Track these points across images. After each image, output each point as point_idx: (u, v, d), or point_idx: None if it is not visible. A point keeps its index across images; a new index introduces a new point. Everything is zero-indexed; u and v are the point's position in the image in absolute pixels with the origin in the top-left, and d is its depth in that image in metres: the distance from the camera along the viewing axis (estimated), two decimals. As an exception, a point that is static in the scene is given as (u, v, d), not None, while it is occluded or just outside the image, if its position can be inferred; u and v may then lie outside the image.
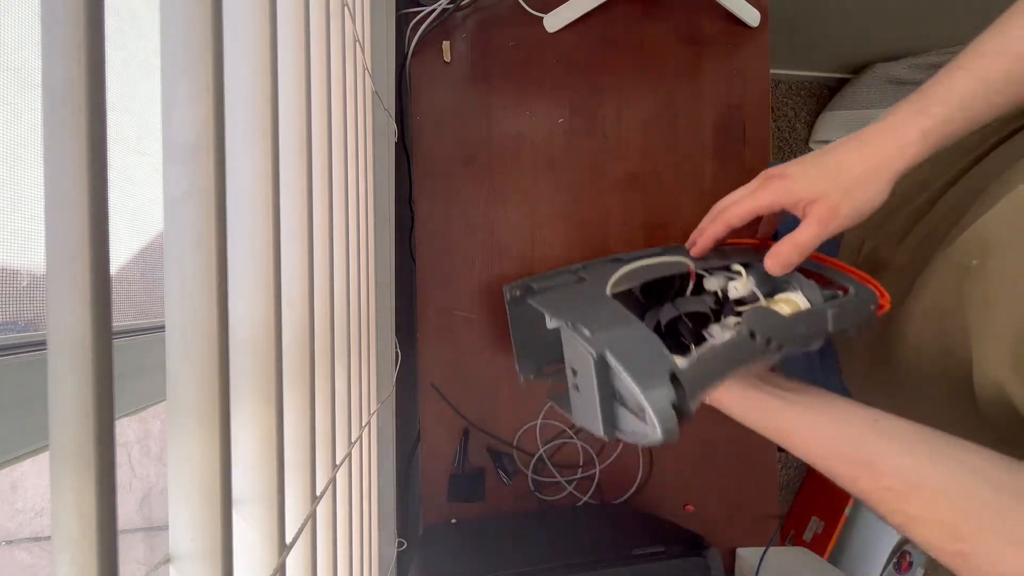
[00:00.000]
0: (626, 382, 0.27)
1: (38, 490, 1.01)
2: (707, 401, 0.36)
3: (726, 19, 0.72)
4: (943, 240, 0.39)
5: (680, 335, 0.41)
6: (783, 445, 0.34)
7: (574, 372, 0.31)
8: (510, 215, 0.70)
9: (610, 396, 0.30)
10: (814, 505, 1.45)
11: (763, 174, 0.38)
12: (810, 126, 1.76)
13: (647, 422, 0.27)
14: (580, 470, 0.71)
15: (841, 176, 0.35)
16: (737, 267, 0.39)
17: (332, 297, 0.35)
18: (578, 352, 0.30)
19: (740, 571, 0.72)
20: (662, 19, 0.72)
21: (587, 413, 0.30)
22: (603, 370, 0.29)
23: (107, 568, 0.13)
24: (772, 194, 0.37)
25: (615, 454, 0.71)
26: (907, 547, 1.32)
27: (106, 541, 0.13)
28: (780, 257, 0.36)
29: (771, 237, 0.44)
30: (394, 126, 0.66)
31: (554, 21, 0.69)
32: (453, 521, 0.69)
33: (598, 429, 0.30)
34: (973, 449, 0.29)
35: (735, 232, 0.40)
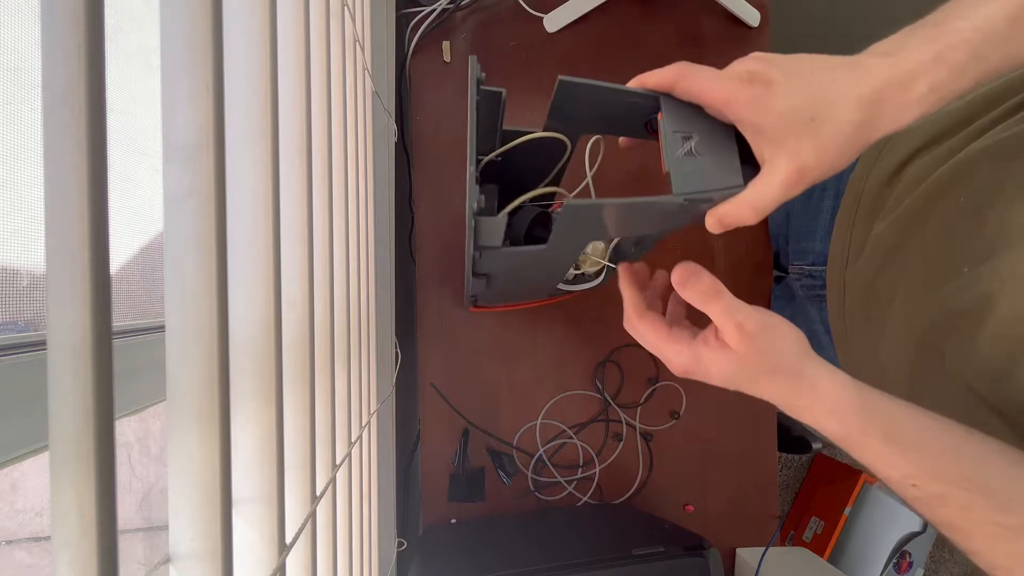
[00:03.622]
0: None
1: (38, 490, 1.02)
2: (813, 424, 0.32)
3: (726, 19, 0.72)
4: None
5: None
6: (881, 457, 0.30)
7: (685, 139, 0.31)
8: (510, 215, 0.70)
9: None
10: (814, 505, 1.45)
11: (748, 66, 0.29)
12: (810, 126, 1.76)
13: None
14: (580, 470, 0.71)
15: (825, 122, 0.27)
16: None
17: (332, 297, 0.35)
18: (697, 112, 0.30)
19: (740, 571, 0.72)
20: (662, 19, 0.72)
21: (716, 167, 0.31)
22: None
23: (107, 568, 0.13)
24: (738, 98, 0.28)
25: (615, 454, 0.71)
26: (907, 547, 1.32)
27: (106, 541, 0.13)
28: (727, 218, 0.31)
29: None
30: (394, 126, 0.66)
31: (554, 21, 0.69)
32: (453, 521, 0.69)
33: (736, 176, 0.30)
34: None
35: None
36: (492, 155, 0.36)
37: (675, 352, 0.34)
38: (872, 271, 0.46)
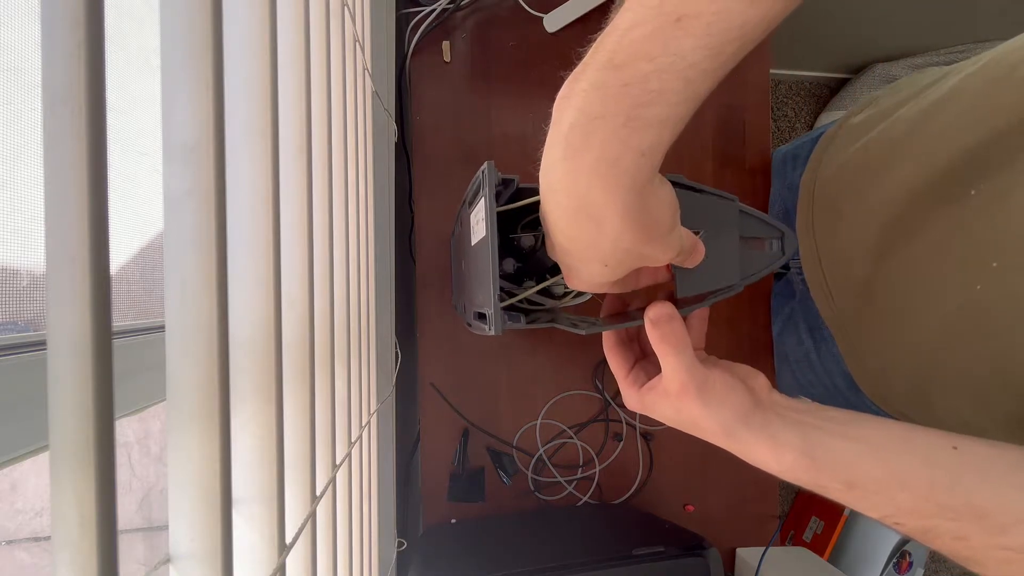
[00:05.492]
0: (758, 222, 0.34)
1: (38, 490, 1.01)
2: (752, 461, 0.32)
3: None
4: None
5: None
6: (850, 502, 0.29)
7: (694, 233, 0.33)
8: (510, 215, 0.70)
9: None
10: (814, 505, 1.45)
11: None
12: (810, 126, 1.76)
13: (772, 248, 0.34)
14: (580, 470, 0.71)
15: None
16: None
17: (332, 297, 0.35)
18: (713, 208, 0.32)
19: (740, 571, 0.72)
20: (662, 19, 0.72)
21: (718, 265, 0.33)
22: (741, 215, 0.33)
23: (107, 568, 0.13)
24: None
25: (615, 454, 0.71)
26: (907, 547, 1.32)
27: (106, 541, 0.13)
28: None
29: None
30: (394, 126, 0.66)
31: (554, 21, 0.69)
32: (453, 521, 0.69)
33: (734, 275, 0.33)
34: None
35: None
36: (502, 207, 0.36)
37: (627, 392, 0.36)
38: (869, 268, 0.46)
